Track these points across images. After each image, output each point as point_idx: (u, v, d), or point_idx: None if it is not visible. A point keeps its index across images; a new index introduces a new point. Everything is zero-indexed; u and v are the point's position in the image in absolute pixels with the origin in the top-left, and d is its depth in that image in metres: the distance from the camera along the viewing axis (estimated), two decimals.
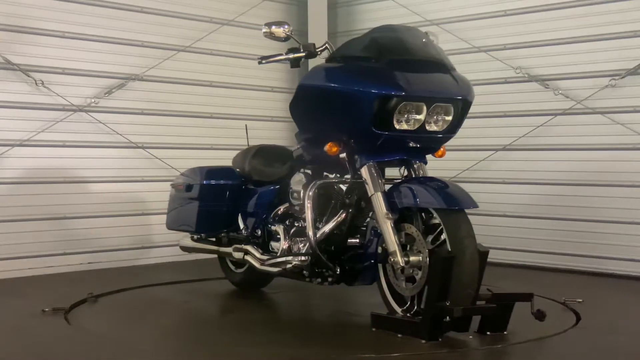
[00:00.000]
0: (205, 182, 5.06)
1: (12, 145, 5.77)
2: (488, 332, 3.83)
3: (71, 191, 6.08)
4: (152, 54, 6.52)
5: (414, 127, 3.87)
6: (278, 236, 4.57)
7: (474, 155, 6.39)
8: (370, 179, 3.94)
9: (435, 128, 3.95)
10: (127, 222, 6.37)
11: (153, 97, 6.56)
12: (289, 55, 4.31)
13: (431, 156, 4.17)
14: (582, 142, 5.98)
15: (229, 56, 7.06)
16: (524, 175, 6.26)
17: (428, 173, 4.09)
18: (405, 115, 3.85)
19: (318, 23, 7.36)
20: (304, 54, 4.29)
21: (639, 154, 5.68)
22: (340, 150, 4.05)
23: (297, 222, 4.53)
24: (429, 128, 3.93)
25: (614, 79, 5.77)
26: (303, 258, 4.17)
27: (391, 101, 3.77)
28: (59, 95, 5.97)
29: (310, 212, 4.13)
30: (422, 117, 3.87)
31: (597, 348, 3.73)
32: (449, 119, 3.97)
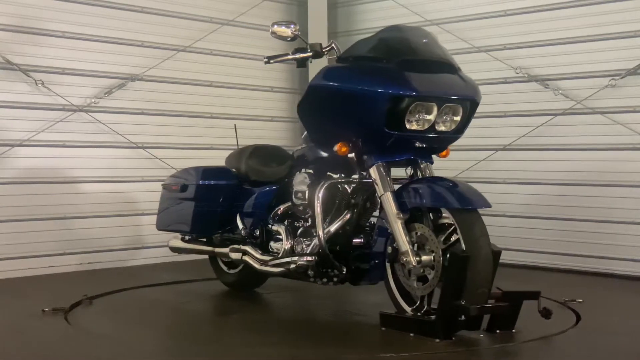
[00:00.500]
0: (201, 182, 5.01)
1: (12, 145, 5.77)
2: (497, 331, 3.84)
3: (71, 191, 6.08)
4: (152, 54, 6.52)
5: (423, 127, 3.89)
6: (278, 236, 4.55)
7: (474, 155, 6.39)
8: (379, 179, 3.95)
9: (443, 128, 3.97)
10: (126, 222, 6.37)
11: (153, 97, 6.56)
12: (296, 55, 4.30)
13: (434, 156, 4.18)
14: (582, 142, 5.98)
15: (229, 56, 7.06)
16: (524, 175, 6.25)
17: (434, 173, 4.11)
18: (416, 116, 3.86)
19: (318, 23, 7.35)
20: (310, 54, 4.29)
21: (639, 154, 5.69)
22: (350, 150, 4.06)
23: (297, 222, 4.52)
24: (437, 128, 3.95)
25: (613, 79, 5.77)
26: (310, 258, 4.16)
27: (404, 101, 3.79)
28: (59, 95, 5.96)
29: (320, 212, 4.13)
30: (432, 117, 3.89)
31: (597, 348, 3.73)
32: (457, 119, 3.99)
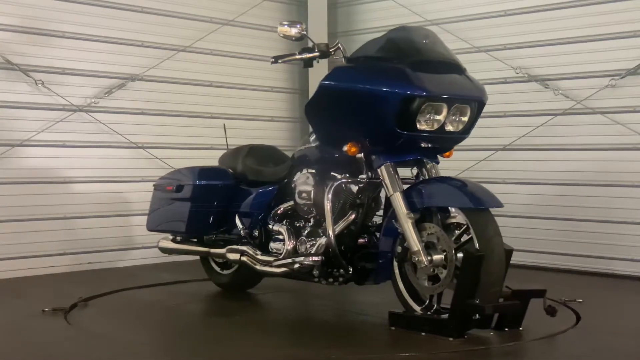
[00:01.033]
0: (198, 182, 4.97)
1: (12, 145, 5.77)
2: (506, 329, 3.85)
3: (71, 191, 6.08)
4: (152, 54, 6.52)
5: (433, 127, 3.91)
6: (279, 237, 4.54)
7: (474, 155, 6.39)
8: (389, 179, 3.96)
9: (451, 128, 3.99)
10: (126, 222, 6.37)
11: (153, 97, 6.56)
12: (303, 55, 4.29)
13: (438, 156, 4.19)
14: (582, 142, 5.97)
15: (229, 56, 7.06)
16: (523, 175, 6.25)
17: (440, 173, 4.11)
18: (427, 116, 3.88)
19: (318, 23, 7.35)
20: (317, 53, 4.28)
21: (639, 154, 5.69)
22: (359, 150, 4.06)
23: (298, 222, 4.50)
24: (446, 128, 3.96)
25: (614, 79, 5.77)
26: (316, 258, 4.16)
27: (415, 101, 3.80)
28: (59, 95, 5.96)
29: (330, 211, 4.11)
30: (442, 117, 3.91)
31: (597, 348, 3.73)
32: (465, 119, 4.01)
